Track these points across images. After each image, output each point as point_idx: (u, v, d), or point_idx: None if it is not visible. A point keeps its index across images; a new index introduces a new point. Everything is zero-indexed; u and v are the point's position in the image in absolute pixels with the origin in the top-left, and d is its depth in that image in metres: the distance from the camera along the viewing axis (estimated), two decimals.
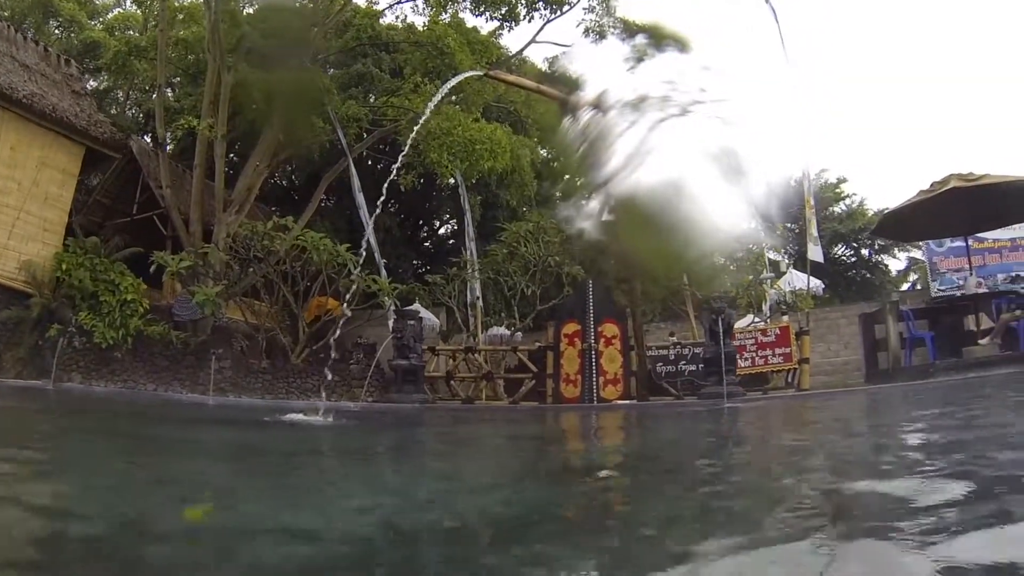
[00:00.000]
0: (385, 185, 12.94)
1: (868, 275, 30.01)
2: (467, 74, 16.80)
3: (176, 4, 20.07)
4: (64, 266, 14.32)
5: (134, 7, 27.10)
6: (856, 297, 24.82)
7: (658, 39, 19.40)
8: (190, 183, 18.10)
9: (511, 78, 16.63)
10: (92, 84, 24.11)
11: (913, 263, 32.87)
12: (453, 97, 19.30)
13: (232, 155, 19.82)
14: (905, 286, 31.99)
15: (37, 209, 14.96)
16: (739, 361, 13.73)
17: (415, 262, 26.51)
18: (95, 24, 26.87)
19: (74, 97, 16.68)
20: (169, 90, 22.04)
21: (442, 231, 30.70)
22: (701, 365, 14.25)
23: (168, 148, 18.81)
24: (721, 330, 12.55)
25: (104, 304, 14.08)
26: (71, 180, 15.82)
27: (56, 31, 25.65)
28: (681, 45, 20.04)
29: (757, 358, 14.86)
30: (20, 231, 14.56)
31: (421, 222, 28.74)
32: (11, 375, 13.05)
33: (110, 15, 28.02)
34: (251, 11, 21.53)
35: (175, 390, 13.06)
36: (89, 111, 16.76)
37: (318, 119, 18.82)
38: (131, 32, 24.66)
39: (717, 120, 15.33)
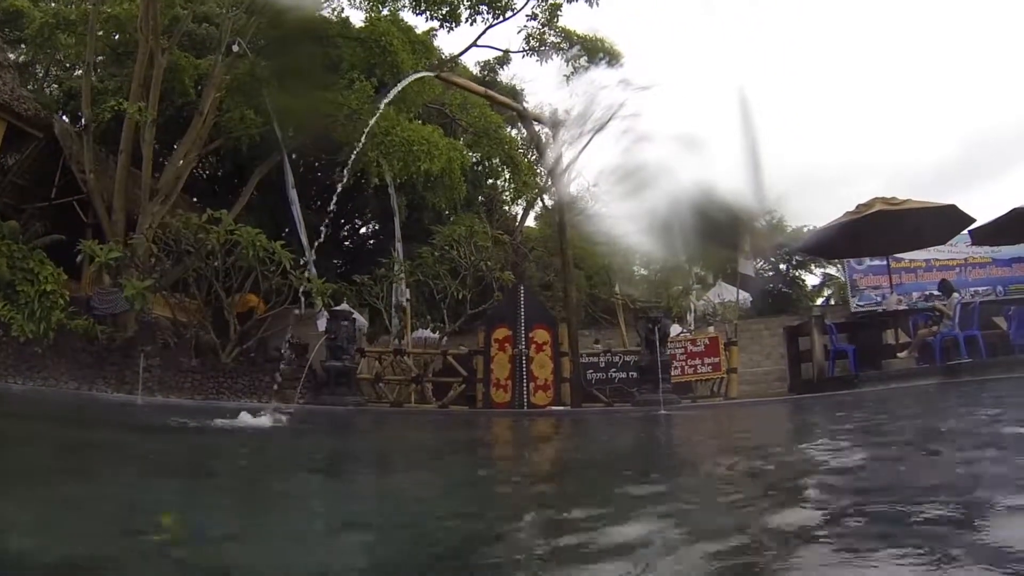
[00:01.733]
0: (335, 195, 12.83)
1: (786, 289, 30.96)
2: (420, 74, 16.70)
3: None
4: None
5: None
6: (773, 310, 25.56)
7: (593, 52, 19.75)
8: (113, 169, 17.45)
9: (462, 81, 16.66)
10: (10, 57, 22.87)
11: (828, 279, 34.23)
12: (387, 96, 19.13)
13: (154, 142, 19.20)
14: (820, 301, 33.23)
15: None
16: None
17: (336, 261, 26.12)
18: None
19: None
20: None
21: (363, 231, 30.37)
22: (632, 372, 14.59)
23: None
24: (657, 339, 12.92)
25: (21, 294, 13.40)
26: None
27: None
28: (613, 58, 20.49)
29: (687, 367, 15.23)
30: None
31: (343, 221, 28.32)
32: None
33: None
34: None
35: (99, 389, 12.53)
36: (12, 85, 15.98)
37: (249, 110, 18.46)
38: (53, 4, 23.49)
39: (644, 136, 15.75)
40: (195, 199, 21.81)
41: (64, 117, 21.86)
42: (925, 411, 8.21)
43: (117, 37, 20.48)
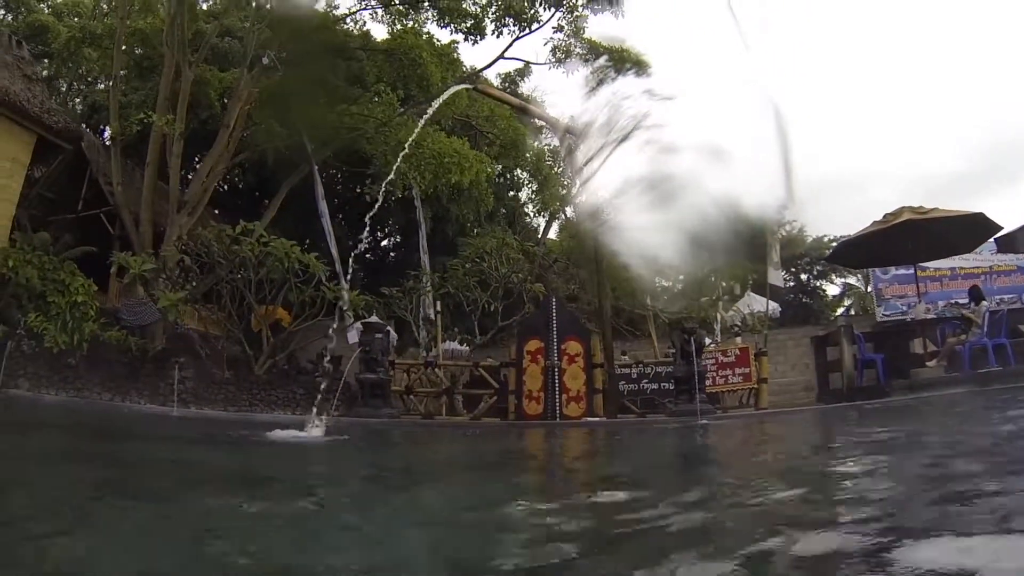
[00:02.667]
0: (374, 209, 12.91)
1: (807, 300, 30.91)
2: (460, 87, 16.71)
3: None
4: (11, 263, 13.53)
5: None
6: (793, 321, 25.50)
7: (620, 63, 19.74)
8: (140, 181, 17.50)
9: (497, 93, 16.66)
10: (39, 71, 22.99)
11: (848, 289, 34.16)
12: (415, 108, 19.14)
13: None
14: (840, 311, 33.18)
15: None
16: None
17: (359, 273, 26.15)
18: (43, 7, 25.68)
19: (25, 82, 15.87)
20: None
21: (384, 243, 30.34)
22: (664, 383, 14.52)
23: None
24: (693, 349, 12.83)
25: (53, 305, 13.38)
26: (20, 170, 15.02)
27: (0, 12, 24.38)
28: (641, 68, 20.46)
29: (718, 378, 15.15)
30: None
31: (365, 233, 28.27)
32: None
33: None
34: (206, 6, 21.06)
35: (133, 400, 12.47)
36: (42, 97, 16.00)
37: (273, 123, 18.49)
38: (77, 19, 23.65)
39: (669, 146, 15.72)
40: (216, 211, 21.82)
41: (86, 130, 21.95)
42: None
43: (140, 51, 20.59)
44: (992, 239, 16.34)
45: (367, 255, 28.36)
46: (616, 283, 20.61)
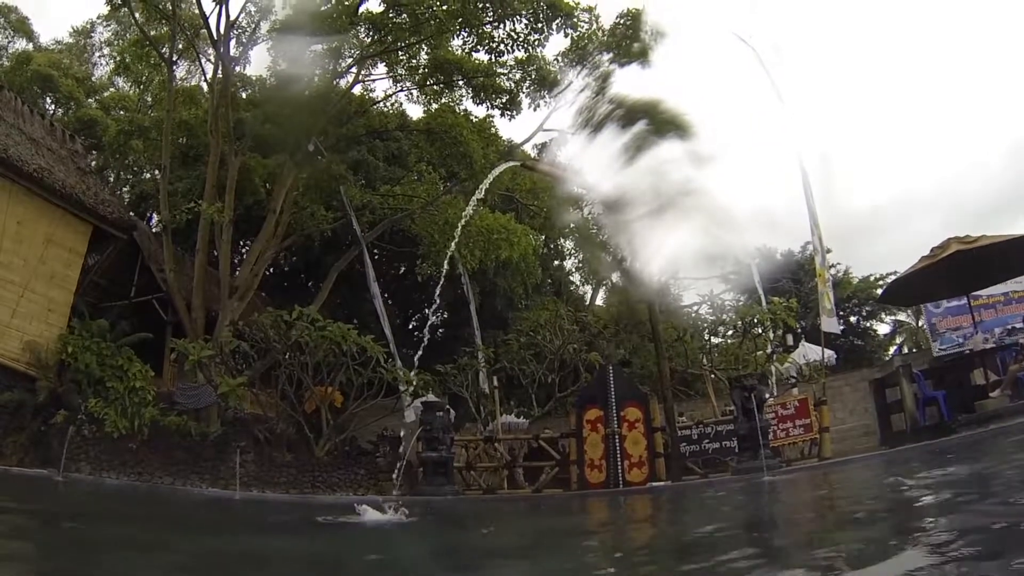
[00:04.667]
0: (435, 301, 12.94)
1: (858, 342, 30.36)
2: (507, 164, 16.88)
3: (175, 85, 19.88)
4: (70, 349, 13.76)
5: (128, 86, 26.90)
6: (847, 365, 24.93)
7: (659, 125, 19.72)
8: (189, 267, 17.75)
9: (546, 169, 16.81)
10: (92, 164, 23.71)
11: (898, 325, 33.43)
12: (458, 185, 19.30)
13: None
14: (892, 349, 32.45)
15: (42, 288, 14.41)
16: None
17: (407, 351, 26.02)
18: (91, 102, 26.60)
19: (79, 174, 16.36)
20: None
21: (431, 320, 30.30)
22: (725, 442, 14.18)
23: (159, 230, 18.45)
24: (755, 406, 12.54)
25: (111, 391, 13.52)
26: (77, 259, 15.34)
27: (50, 107, 25.21)
28: (682, 131, 20.42)
29: (779, 431, 14.78)
30: (24, 310, 13.97)
31: (411, 311, 28.36)
32: (12, 462, 12.25)
33: (106, 94, 27.82)
34: (246, 96, 21.61)
35: (194, 484, 12.44)
36: (95, 189, 16.43)
37: (319, 206, 18.75)
38: (123, 112, 24.39)
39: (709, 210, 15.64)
40: (263, 294, 21.98)
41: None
42: None
43: (184, 141, 21.11)
44: None
45: (416, 333, 28.34)
46: (668, 344, 20.38)
